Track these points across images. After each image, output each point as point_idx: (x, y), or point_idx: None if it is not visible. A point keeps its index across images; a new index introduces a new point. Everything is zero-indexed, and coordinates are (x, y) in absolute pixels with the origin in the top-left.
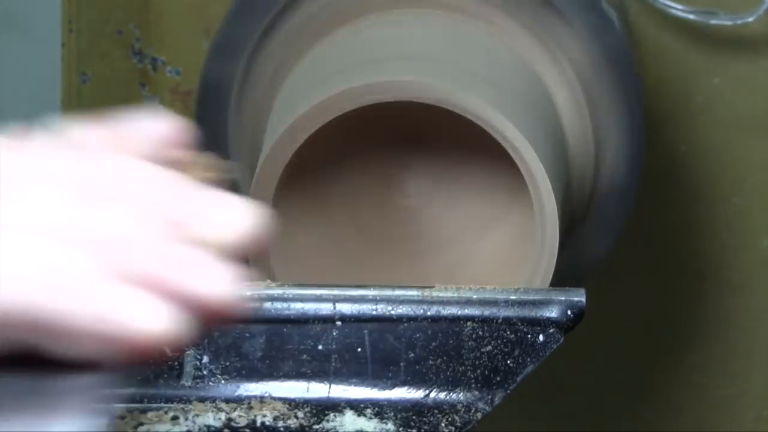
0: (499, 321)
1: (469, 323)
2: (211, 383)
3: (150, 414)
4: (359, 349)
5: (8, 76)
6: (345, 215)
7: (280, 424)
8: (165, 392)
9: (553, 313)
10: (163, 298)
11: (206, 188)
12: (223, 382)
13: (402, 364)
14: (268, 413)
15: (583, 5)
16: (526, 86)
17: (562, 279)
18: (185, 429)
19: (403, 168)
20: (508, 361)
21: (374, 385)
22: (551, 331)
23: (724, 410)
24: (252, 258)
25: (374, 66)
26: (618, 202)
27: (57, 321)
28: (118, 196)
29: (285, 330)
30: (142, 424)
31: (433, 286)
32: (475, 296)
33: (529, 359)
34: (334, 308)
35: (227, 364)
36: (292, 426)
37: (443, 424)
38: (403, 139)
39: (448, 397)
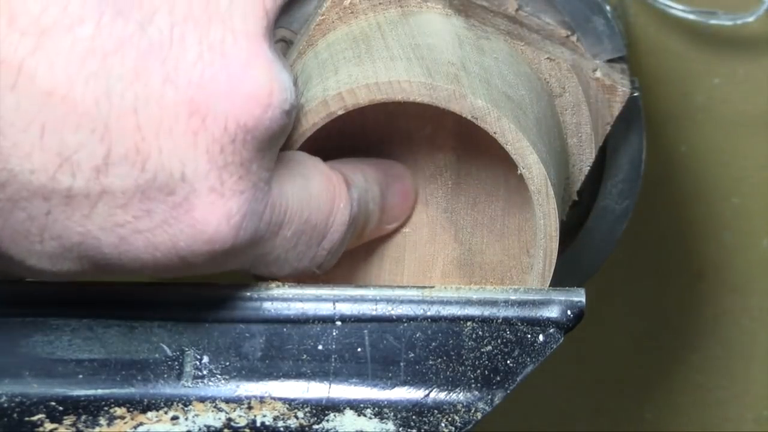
0: (499, 321)
1: (469, 323)
2: (211, 383)
3: (150, 414)
4: (359, 349)
5: None
6: None
7: (280, 424)
8: (165, 392)
9: (553, 313)
10: None
11: None
12: (223, 382)
13: (402, 364)
14: (268, 413)
15: (588, 10)
16: (527, 87)
17: (561, 280)
18: (185, 429)
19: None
20: (508, 361)
21: (374, 385)
22: (551, 331)
23: (724, 410)
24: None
25: (374, 66)
26: (618, 201)
27: None
28: None
29: (285, 330)
30: (142, 424)
31: (433, 286)
32: (474, 296)
33: (529, 359)
34: (334, 308)
35: (227, 364)
36: (292, 426)
37: (443, 424)
38: (403, 139)
39: (448, 397)
